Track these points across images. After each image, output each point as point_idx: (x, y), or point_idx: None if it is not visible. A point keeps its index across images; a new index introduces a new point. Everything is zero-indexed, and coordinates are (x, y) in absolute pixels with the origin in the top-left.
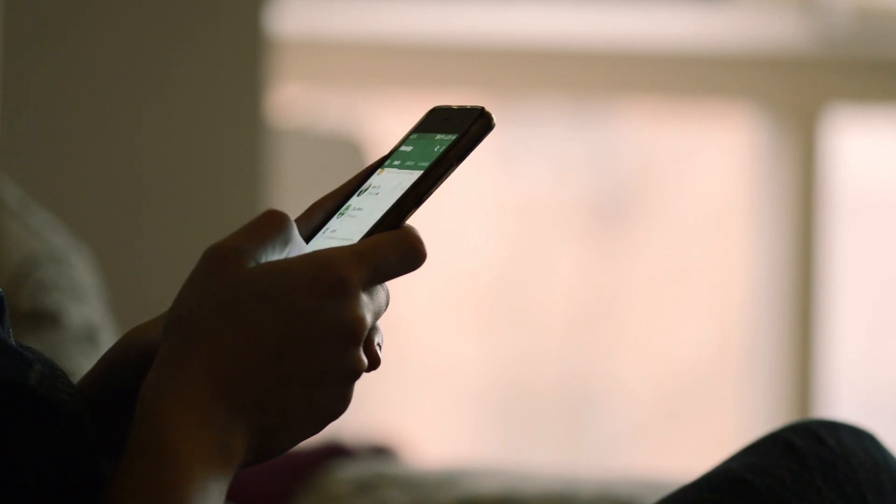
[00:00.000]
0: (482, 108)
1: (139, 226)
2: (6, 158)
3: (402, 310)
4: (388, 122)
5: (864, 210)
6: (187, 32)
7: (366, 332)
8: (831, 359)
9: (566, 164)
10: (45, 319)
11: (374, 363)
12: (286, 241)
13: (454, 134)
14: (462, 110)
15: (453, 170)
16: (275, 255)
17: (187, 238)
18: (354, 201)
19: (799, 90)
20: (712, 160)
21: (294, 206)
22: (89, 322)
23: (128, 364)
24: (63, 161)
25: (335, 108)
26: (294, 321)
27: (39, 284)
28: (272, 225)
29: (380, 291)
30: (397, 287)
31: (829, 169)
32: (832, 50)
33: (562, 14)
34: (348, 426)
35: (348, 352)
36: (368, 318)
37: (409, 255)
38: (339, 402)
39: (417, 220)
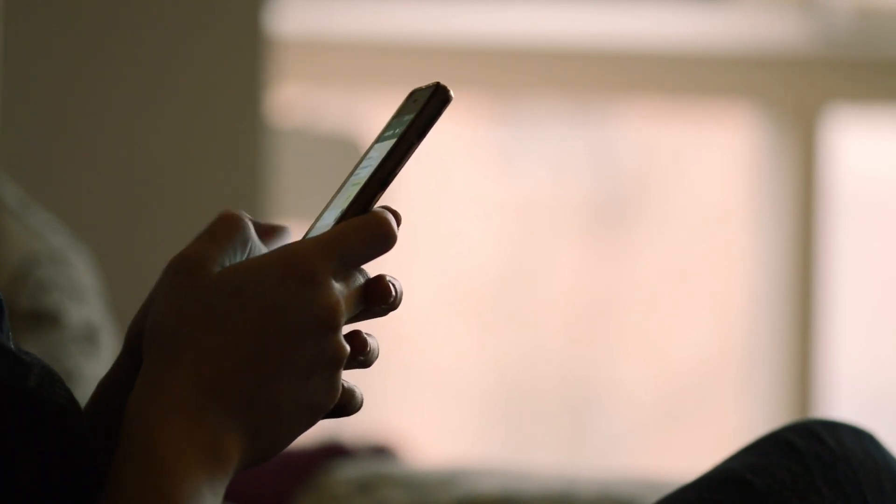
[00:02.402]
0: (437, 84)
1: (139, 226)
2: (6, 158)
3: (402, 310)
4: None
5: (864, 210)
6: (187, 32)
7: (342, 319)
8: (831, 359)
9: (566, 164)
10: (45, 319)
11: (362, 350)
12: (245, 241)
13: (413, 113)
14: (426, 89)
15: (415, 148)
16: (236, 257)
17: (187, 238)
18: (343, 189)
19: (799, 90)
20: (712, 160)
21: (294, 206)
22: (89, 322)
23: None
24: (63, 161)
25: (335, 108)
26: (269, 317)
27: (39, 284)
28: (229, 227)
29: (357, 278)
30: None
31: (829, 169)
32: (832, 50)
33: (562, 14)
34: (348, 426)
35: (327, 339)
36: (343, 305)
37: (376, 238)
38: (327, 392)
39: (416, 219)
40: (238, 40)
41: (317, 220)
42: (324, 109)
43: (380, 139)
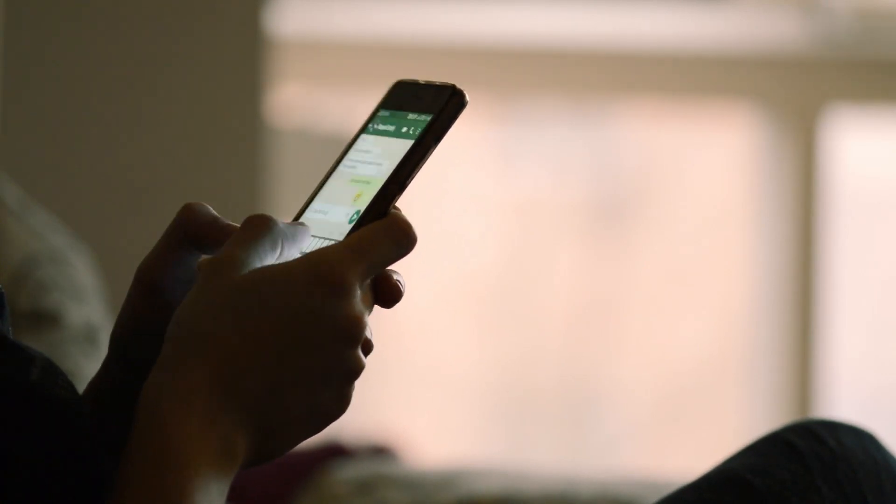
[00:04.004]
0: (454, 86)
1: (139, 226)
2: (6, 158)
3: (402, 310)
4: None
5: (864, 210)
6: (187, 32)
7: (364, 332)
8: (831, 359)
9: (566, 164)
10: (45, 319)
11: (367, 351)
12: (275, 241)
13: (428, 114)
14: (431, 88)
15: (432, 151)
16: (267, 257)
17: None
18: (333, 180)
19: (799, 90)
20: (712, 160)
21: (294, 206)
22: (89, 322)
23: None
24: (63, 161)
25: (335, 108)
26: (295, 323)
27: (39, 284)
28: (258, 228)
29: (367, 282)
30: None
31: (829, 169)
32: (832, 50)
33: (562, 14)
34: (348, 426)
35: (348, 352)
36: (366, 316)
37: (400, 242)
38: (339, 403)
39: (416, 219)
40: (238, 40)
41: (304, 209)
42: (324, 109)
43: (371, 132)
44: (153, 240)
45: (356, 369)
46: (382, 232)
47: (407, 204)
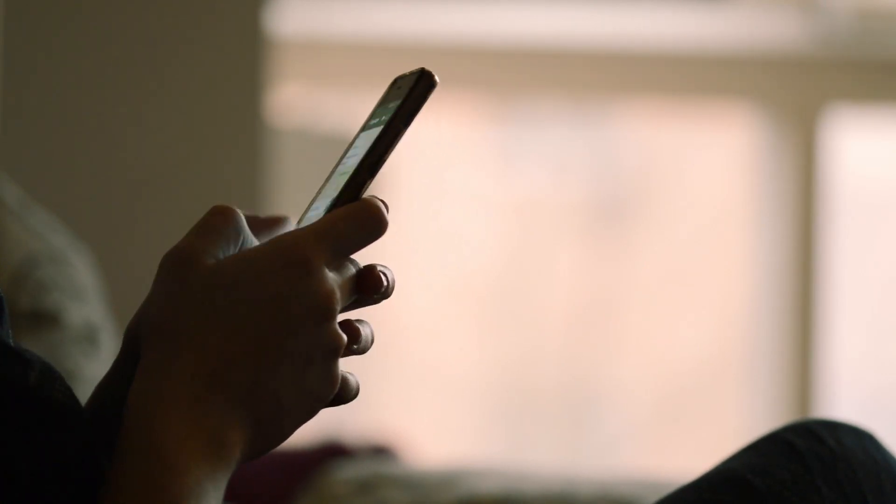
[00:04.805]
0: (422, 69)
1: (139, 226)
2: (6, 158)
3: (402, 310)
4: None
5: (864, 210)
6: (187, 32)
7: (337, 307)
8: (831, 359)
9: (566, 164)
10: (45, 319)
11: (355, 338)
12: (238, 232)
13: (399, 100)
14: (410, 75)
15: (402, 134)
16: (229, 249)
17: None
18: (330, 179)
19: (799, 90)
20: (712, 160)
21: (294, 206)
22: (89, 322)
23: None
24: (63, 161)
25: (335, 108)
26: (266, 308)
27: (39, 284)
28: (220, 219)
29: (349, 268)
30: (397, 288)
31: (829, 169)
32: (832, 50)
33: (562, 14)
34: (348, 426)
35: (324, 328)
36: (338, 293)
37: (367, 225)
38: (327, 382)
39: (416, 219)
40: (238, 40)
41: (306, 211)
42: (324, 109)
43: (365, 128)
44: (153, 240)
45: (335, 345)
46: (348, 214)
47: (407, 204)
